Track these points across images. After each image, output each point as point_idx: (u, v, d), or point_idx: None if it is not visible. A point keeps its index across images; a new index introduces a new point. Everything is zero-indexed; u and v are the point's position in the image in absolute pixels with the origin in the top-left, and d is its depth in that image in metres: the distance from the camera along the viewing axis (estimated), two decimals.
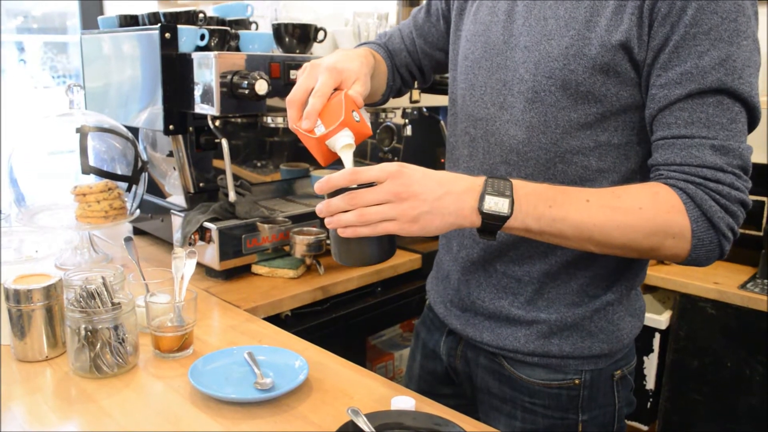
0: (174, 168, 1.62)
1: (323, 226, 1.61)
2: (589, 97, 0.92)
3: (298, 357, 1.07)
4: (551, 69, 0.93)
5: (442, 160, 2.12)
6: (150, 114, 1.55)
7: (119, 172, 1.53)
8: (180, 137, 1.55)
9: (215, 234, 1.47)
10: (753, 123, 0.88)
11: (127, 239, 1.34)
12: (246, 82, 1.39)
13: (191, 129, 1.56)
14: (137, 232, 1.86)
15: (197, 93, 1.46)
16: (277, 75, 1.50)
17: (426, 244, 1.81)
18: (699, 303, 1.95)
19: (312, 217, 1.65)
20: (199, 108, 1.46)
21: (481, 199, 0.83)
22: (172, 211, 1.61)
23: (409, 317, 1.81)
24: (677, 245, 0.85)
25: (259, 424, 0.93)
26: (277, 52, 1.67)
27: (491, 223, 0.84)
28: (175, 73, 1.48)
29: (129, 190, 1.54)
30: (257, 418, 0.94)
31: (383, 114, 1.81)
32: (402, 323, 2.02)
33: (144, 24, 1.65)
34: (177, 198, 1.67)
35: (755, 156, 0.89)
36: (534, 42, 0.95)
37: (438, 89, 1.85)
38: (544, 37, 0.94)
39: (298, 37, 1.62)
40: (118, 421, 0.93)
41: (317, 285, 1.51)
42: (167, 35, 1.46)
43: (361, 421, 0.86)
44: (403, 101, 1.83)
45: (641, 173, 0.96)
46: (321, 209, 0.87)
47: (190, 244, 1.51)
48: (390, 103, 1.77)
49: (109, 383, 1.03)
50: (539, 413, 1.05)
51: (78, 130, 1.45)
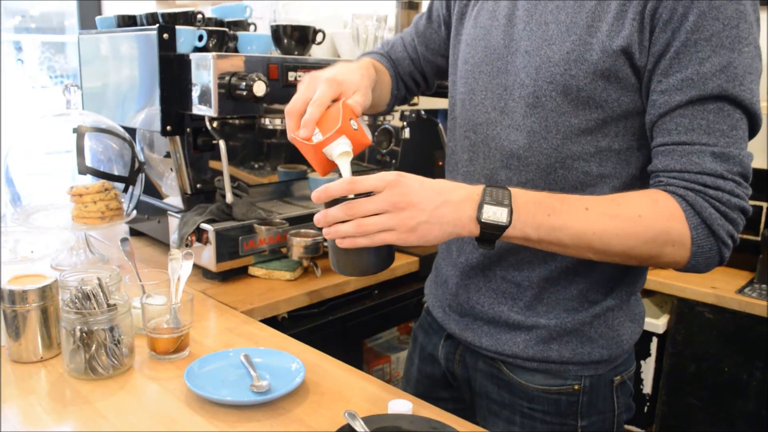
0: (171, 169, 1.62)
1: (321, 229, 1.61)
2: (590, 103, 0.91)
3: (294, 359, 1.06)
4: (552, 74, 0.92)
5: (440, 162, 2.12)
6: (147, 115, 1.55)
7: (116, 172, 1.52)
8: (177, 138, 1.55)
9: (212, 235, 1.47)
10: (754, 130, 0.87)
11: (124, 240, 1.33)
12: (244, 83, 1.38)
13: (189, 130, 1.55)
14: (134, 233, 1.85)
15: (195, 94, 1.45)
16: (276, 76, 1.49)
17: (424, 247, 1.81)
18: (696, 307, 1.94)
19: (309, 219, 1.64)
20: (197, 109, 1.46)
21: (480, 209, 0.83)
22: (169, 213, 1.60)
23: (407, 320, 1.80)
24: (677, 252, 0.85)
25: (255, 426, 0.92)
26: (276, 53, 1.66)
27: (490, 233, 0.83)
28: (173, 74, 1.48)
29: (126, 190, 1.53)
30: (253, 420, 0.93)
31: (381, 117, 1.80)
32: (399, 326, 2.01)
33: (142, 24, 1.64)
34: (174, 199, 1.66)
35: (754, 161, 0.88)
36: (535, 47, 0.95)
37: (436, 92, 1.85)
38: (545, 42, 0.93)
39: (296, 39, 1.62)
40: (113, 423, 0.92)
41: (314, 287, 1.51)
42: (165, 36, 1.46)
43: (358, 425, 0.86)
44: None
45: (642, 179, 0.96)
46: (319, 219, 0.86)
47: (186, 245, 1.51)
48: None
49: (104, 385, 1.03)
50: (538, 419, 1.04)
51: (75, 130, 1.45)
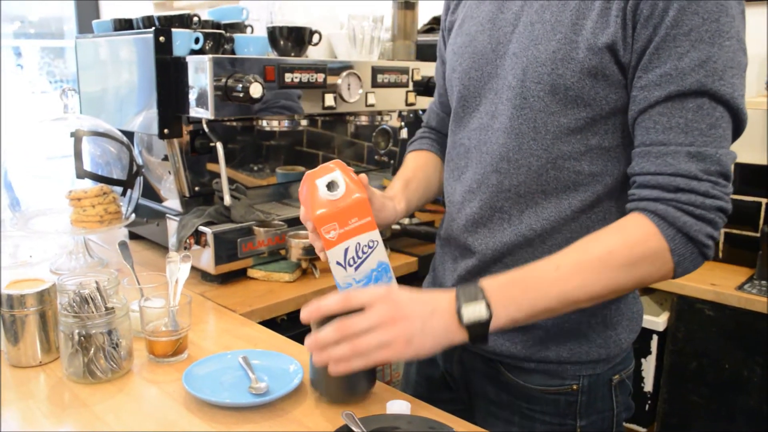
0: (169, 172, 1.62)
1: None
2: (578, 102, 0.91)
3: (292, 361, 1.07)
4: (539, 74, 0.92)
5: None
6: (145, 118, 1.55)
7: (115, 176, 1.52)
8: (175, 141, 1.55)
9: (210, 238, 1.47)
10: (738, 125, 0.86)
11: (122, 244, 1.34)
12: (240, 85, 1.38)
13: (186, 133, 1.55)
14: (134, 236, 1.86)
15: (192, 97, 1.45)
16: (272, 78, 1.49)
17: (423, 247, 1.81)
18: (696, 305, 1.94)
19: None
20: (194, 112, 1.46)
21: (459, 315, 0.84)
22: (167, 215, 1.61)
23: None
24: (661, 268, 0.85)
25: (254, 428, 0.92)
26: (273, 55, 1.67)
27: (477, 331, 0.84)
28: (170, 77, 1.48)
29: (124, 194, 1.53)
30: (252, 422, 0.93)
31: (379, 117, 1.81)
32: None
33: (138, 28, 1.64)
34: (173, 202, 1.66)
35: (752, 157, 0.87)
36: (522, 48, 0.94)
37: (434, 92, 1.85)
38: (531, 42, 0.93)
39: (292, 41, 1.62)
40: (111, 427, 0.92)
41: (313, 288, 1.51)
42: (161, 39, 1.46)
43: (355, 426, 0.86)
44: (399, 104, 1.83)
45: None
46: (310, 345, 0.86)
47: (185, 248, 1.51)
48: (385, 106, 1.78)
49: (103, 388, 1.03)
50: (537, 419, 1.04)
51: (72, 134, 1.45)
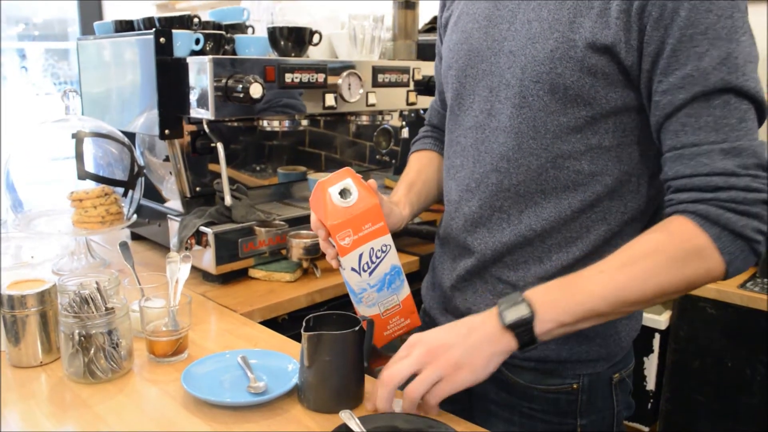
0: (171, 172, 1.62)
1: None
2: (578, 100, 0.90)
3: (291, 360, 1.07)
4: (538, 73, 0.91)
5: None
6: (147, 119, 1.56)
7: (116, 177, 1.53)
8: (176, 142, 1.55)
9: (211, 238, 1.47)
10: (762, 118, 0.85)
11: (123, 244, 1.34)
12: (240, 85, 1.39)
13: (187, 133, 1.56)
14: (136, 237, 1.86)
15: (193, 97, 1.46)
16: (272, 78, 1.50)
17: (424, 246, 1.81)
18: (699, 303, 1.94)
19: (309, 220, 1.64)
20: (195, 112, 1.46)
21: (501, 317, 0.85)
22: (168, 216, 1.61)
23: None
24: (712, 267, 0.83)
25: (253, 427, 0.92)
26: (273, 55, 1.67)
27: (522, 332, 0.85)
28: (171, 78, 1.48)
29: (125, 195, 1.54)
30: (250, 421, 0.94)
31: (380, 117, 1.81)
32: None
33: (139, 29, 1.65)
34: (174, 203, 1.67)
35: None
36: (519, 46, 0.94)
37: (434, 91, 1.85)
38: (529, 41, 0.92)
39: (293, 41, 1.62)
40: (112, 427, 0.93)
41: (314, 288, 1.51)
42: (162, 40, 1.46)
43: (354, 424, 0.86)
44: (400, 103, 1.83)
45: (636, 175, 0.95)
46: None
47: (186, 248, 1.51)
48: (386, 106, 1.78)
49: (104, 388, 1.03)
50: (537, 418, 1.04)
51: (74, 135, 1.45)
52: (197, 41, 1.51)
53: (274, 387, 0.99)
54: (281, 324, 1.45)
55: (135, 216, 1.58)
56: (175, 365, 1.10)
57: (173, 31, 1.48)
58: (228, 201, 1.51)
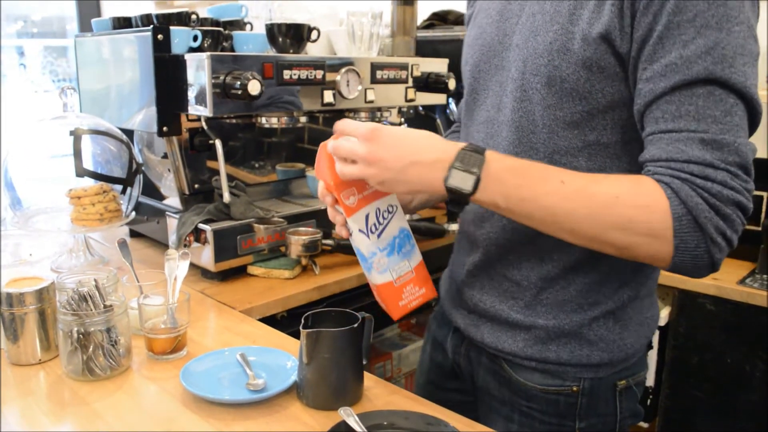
0: (169, 170, 1.62)
1: (319, 226, 1.61)
2: (575, 94, 0.90)
3: (290, 357, 1.07)
4: (537, 66, 0.91)
5: None
6: (145, 116, 1.55)
7: (115, 174, 1.53)
8: (174, 139, 1.55)
9: (210, 235, 1.47)
10: (754, 117, 0.80)
11: (121, 241, 1.34)
12: (239, 82, 1.38)
13: (185, 130, 1.55)
14: (135, 234, 1.86)
15: (191, 94, 1.45)
16: (270, 75, 1.49)
17: (424, 243, 1.81)
18: (698, 299, 1.94)
19: (308, 218, 1.64)
20: (193, 109, 1.46)
21: (447, 175, 0.83)
22: (167, 213, 1.61)
23: (408, 317, 1.81)
24: (657, 245, 0.78)
25: (252, 425, 0.92)
26: (272, 52, 1.66)
27: (456, 197, 0.84)
28: (169, 75, 1.48)
29: (124, 192, 1.54)
30: (250, 419, 0.94)
31: (378, 113, 1.80)
32: (400, 323, 2.02)
33: (137, 26, 1.65)
34: (173, 200, 1.67)
35: None
36: (523, 39, 0.94)
37: (433, 88, 1.85)
38: (531, 34, 0.93)
39: (291, 37, 1.62)
40: (110, 424, 0.93)
41: (313, 285, 1.51)
42: (160, 37, 1.46)
43: (353, 421, 0.86)
44: (399, 100, 1.82)
45: (634, 173, 0.93)
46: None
47: (185, 245, 1.51)
48: (385, 102, 1.78)
49: (102, 386, 1.03)
50: (536, 418, 1.04)
51: (72, 132, 1.45)
52: (195, 38, 1.51)
53: (272, 384, 0.99)
54: (280, 321, 1.45)
55: (133, 213, 1.58)
56: (174, 362, 1.10)
57: (171, 28, 1.48)
58: (226, 198, 1.51)
